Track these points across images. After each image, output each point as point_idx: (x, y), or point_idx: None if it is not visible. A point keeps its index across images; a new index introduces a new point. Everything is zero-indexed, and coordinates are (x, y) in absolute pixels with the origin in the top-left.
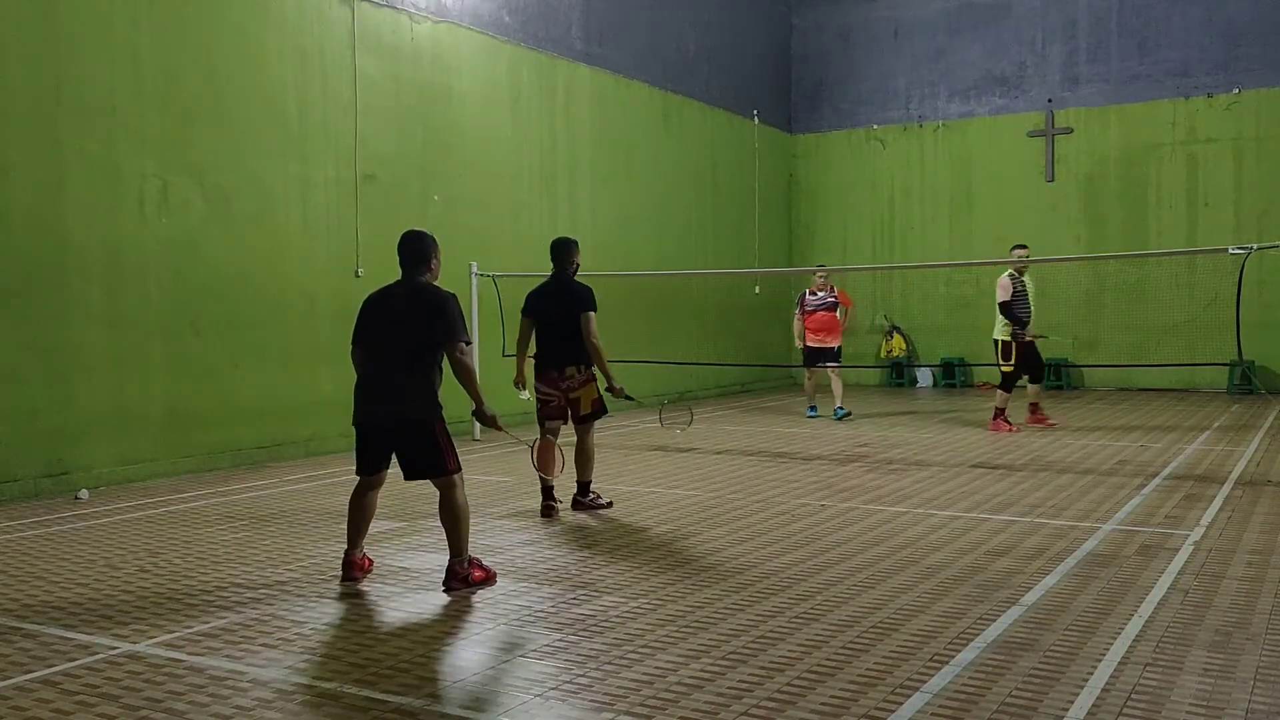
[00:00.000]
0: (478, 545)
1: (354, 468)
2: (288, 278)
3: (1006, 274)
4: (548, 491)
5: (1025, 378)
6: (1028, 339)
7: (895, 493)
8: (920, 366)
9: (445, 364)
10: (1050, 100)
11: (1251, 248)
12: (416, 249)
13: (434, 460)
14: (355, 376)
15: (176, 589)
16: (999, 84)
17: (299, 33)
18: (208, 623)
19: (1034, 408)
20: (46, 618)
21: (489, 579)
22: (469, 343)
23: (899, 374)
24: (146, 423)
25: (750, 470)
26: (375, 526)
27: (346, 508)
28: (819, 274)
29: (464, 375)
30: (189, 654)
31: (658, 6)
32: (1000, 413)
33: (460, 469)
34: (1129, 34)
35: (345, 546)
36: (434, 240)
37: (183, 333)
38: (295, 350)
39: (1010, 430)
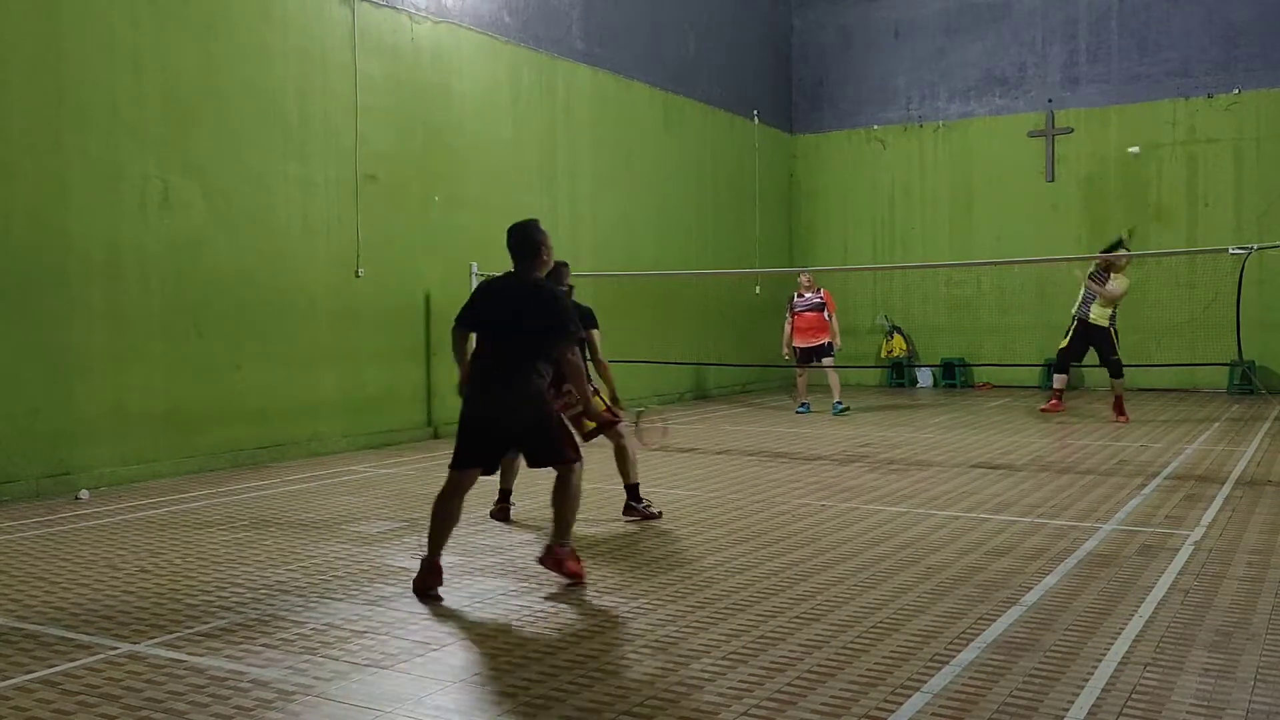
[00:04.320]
0: (476, 544)
1: (355, 467)
2: (288, 278)
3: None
4: (504, 494)
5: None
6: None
7: (895, 493)
8: (920, 367)
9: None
10: (1050, 100)
11: (1252, 248)
12: (528, 241)
13: (556, 451)
14: (458, 362)
15: (176, 589)
16: (999, 84)
17: (299, 33)
18: (208, 623)
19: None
20: (46, 618)
21: (580, 578)
22: (583, 340)
23: (899, 374)
24: (147, 423)
25: (750, 470)
26: (375, 526)
27: (430, 511)
28: (803, 276)
29: (575, 375)
30: (189, 654)
31: (658, 6)
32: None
33: (580, 458)
34: (1129, 34)
35: (425, 554)
36: (542, 230)
37: (184, 333)
38: (296, 350)
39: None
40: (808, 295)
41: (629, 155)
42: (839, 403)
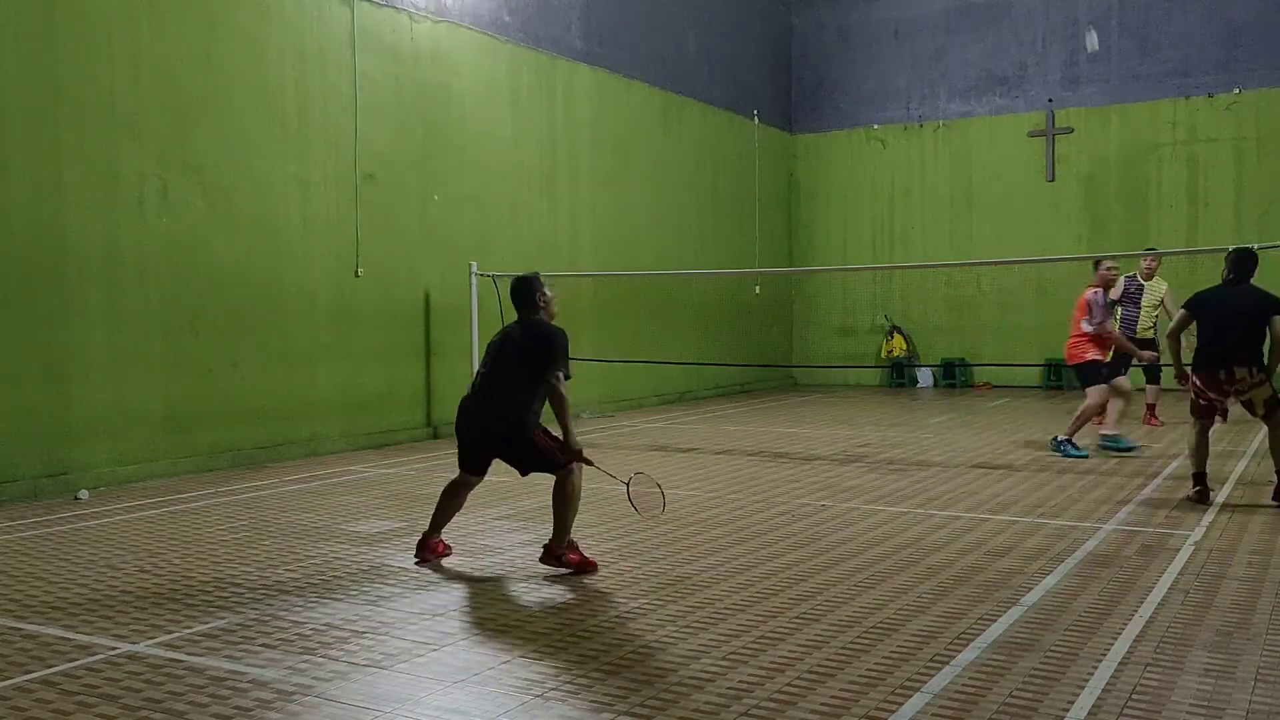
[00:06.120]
0: (476, 544)
1: (355, 467)
2: (287, 277)
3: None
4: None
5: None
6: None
7: (895, 493)
8: (920, 367)
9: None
10: (1050, 100)
11: (1252, 248)
12: (521, 294)
13: (544, 461)
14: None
15: (176, 589)
16: (999, 84)
17: (299, 32)
18: (208, 623)
19: (1150, 408)
20: (46, 618)
21: (586, 565)
22: (568, 377)
23: (899, 374)
24: (146, 423)
25: (750, 470)
26: (374, 526)
27: (439, 494)
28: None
29: (557, 403)
30: (189, 654)
31: (658, 6)
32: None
33: (571, 462)
34: (1129, 34)
35: (425, 529)
36: (537, 281)
37: (182, 332)
38: (295, 350)
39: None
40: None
41: (629, 155)
42: (1117, 435)
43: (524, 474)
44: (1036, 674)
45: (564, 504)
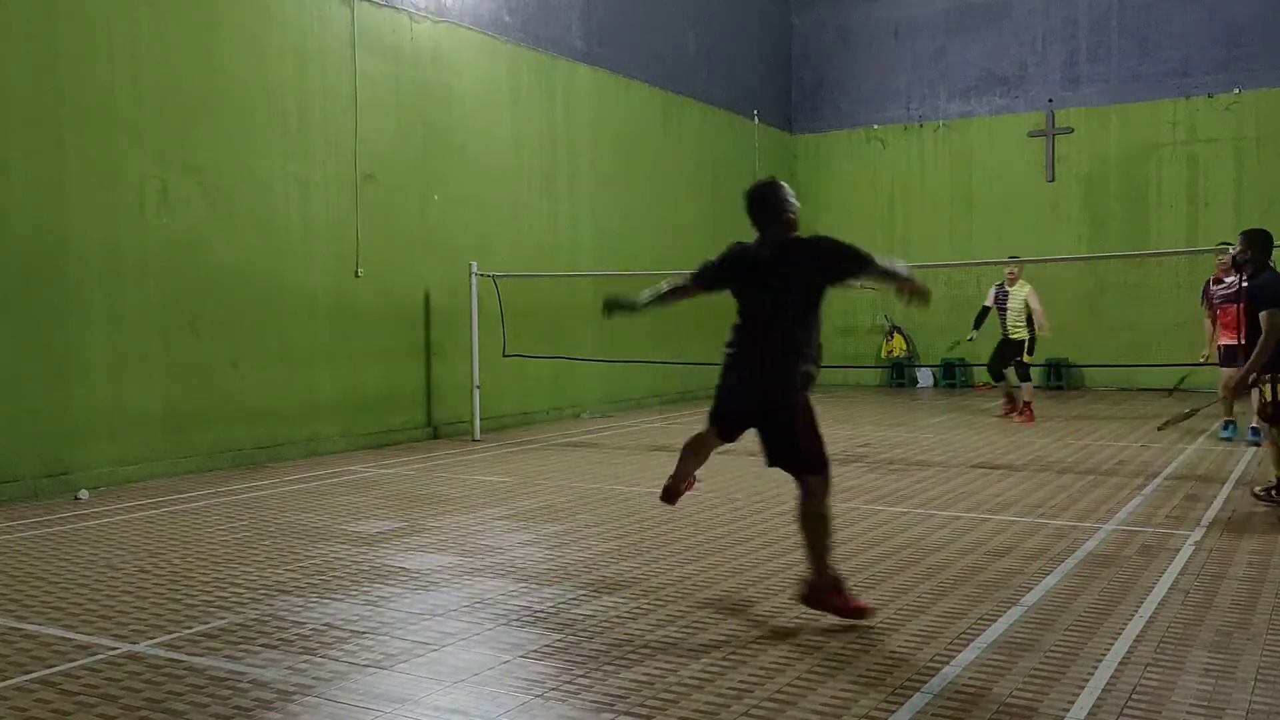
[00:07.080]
0: (476, 544)
1: (354, 467)
2: (287, 277)
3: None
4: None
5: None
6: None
7: (895, 493)
8: (920, 367)
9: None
10: (1050, 100)
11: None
12: (763, 203)
13: (795, 450)
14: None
15: (176, 589)
16: (999, 84)
17: (299, 32)
18: (208, 623)
19: (1026, 404)
20: (46, 618)
21: (854, 612)
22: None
23: (899, 374)
24: (146, 423)
25: (751, 470)
26: (374, 526)
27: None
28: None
29: (879, 272)
30: (189, 654)
31: (658, 6)
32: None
33: (824, 470)
34: (1129, 34)
35: (671, 479)
36: (782, 186)
37: (182, 332)
38: (295, 350)
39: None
40: (1229, 280)
41: (629, 155)
42: (1233, 423)
43: (771, 462)
44: (1036, 674)
45: (811, 528)
